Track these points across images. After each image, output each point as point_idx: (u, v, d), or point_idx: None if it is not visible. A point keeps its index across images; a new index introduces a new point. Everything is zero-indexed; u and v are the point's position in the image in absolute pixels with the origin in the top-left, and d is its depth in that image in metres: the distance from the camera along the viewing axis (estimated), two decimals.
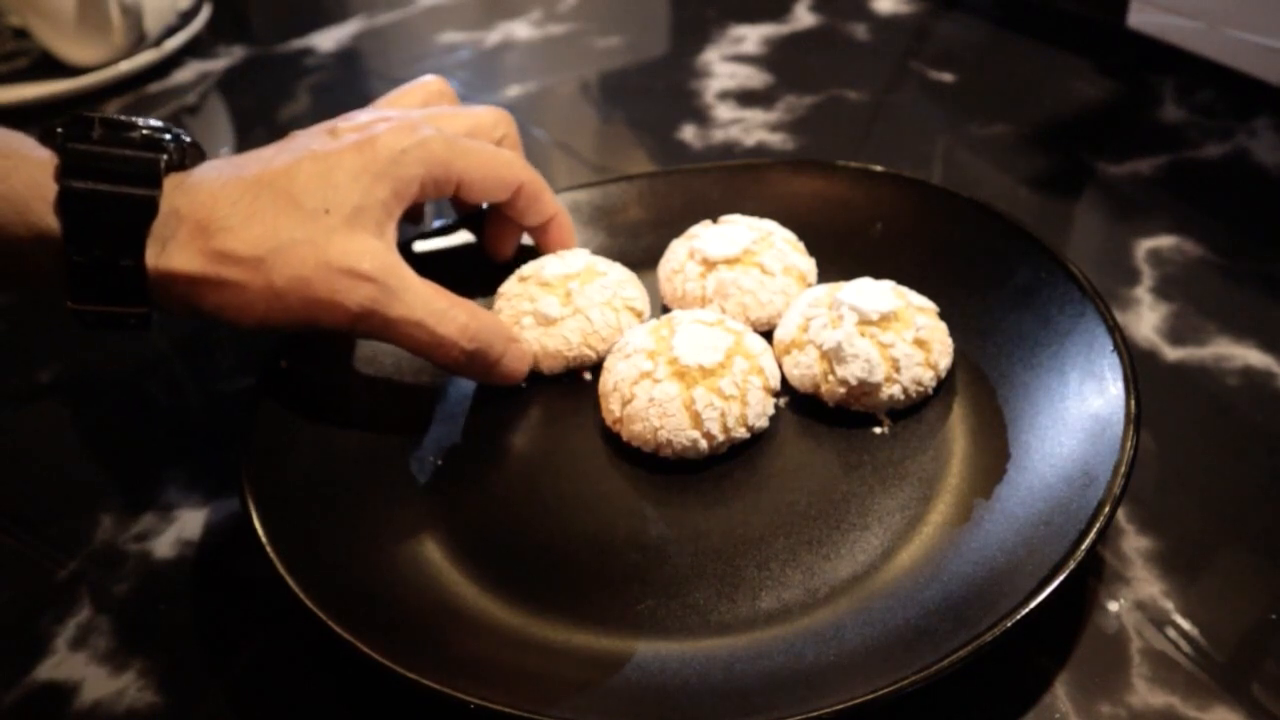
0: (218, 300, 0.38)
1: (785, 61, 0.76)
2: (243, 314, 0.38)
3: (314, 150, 0.40)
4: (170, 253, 0.37)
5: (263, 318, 0.38)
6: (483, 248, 0.50)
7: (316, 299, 0.38)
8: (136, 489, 0.44)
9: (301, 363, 0.44)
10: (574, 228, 0.49)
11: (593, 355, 0.45)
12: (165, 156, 0.38)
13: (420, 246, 0.50)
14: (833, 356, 0.41)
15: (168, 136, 0.39)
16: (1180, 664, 0.33)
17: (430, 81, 0.48)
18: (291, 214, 0.38)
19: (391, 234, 0.41)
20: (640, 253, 0.50)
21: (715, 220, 0.49)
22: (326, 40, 0.87)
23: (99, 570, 0.41)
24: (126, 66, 0.81)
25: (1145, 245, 0.52)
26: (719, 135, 0.67)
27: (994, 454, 0.38)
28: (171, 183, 0.38)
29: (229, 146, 0.76)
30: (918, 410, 0.42)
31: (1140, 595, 0.35)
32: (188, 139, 0.40)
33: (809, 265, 0.47)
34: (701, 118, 0.69)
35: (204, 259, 0.37)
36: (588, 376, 0.45)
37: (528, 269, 0.47)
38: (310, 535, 0.37)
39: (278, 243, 0.38)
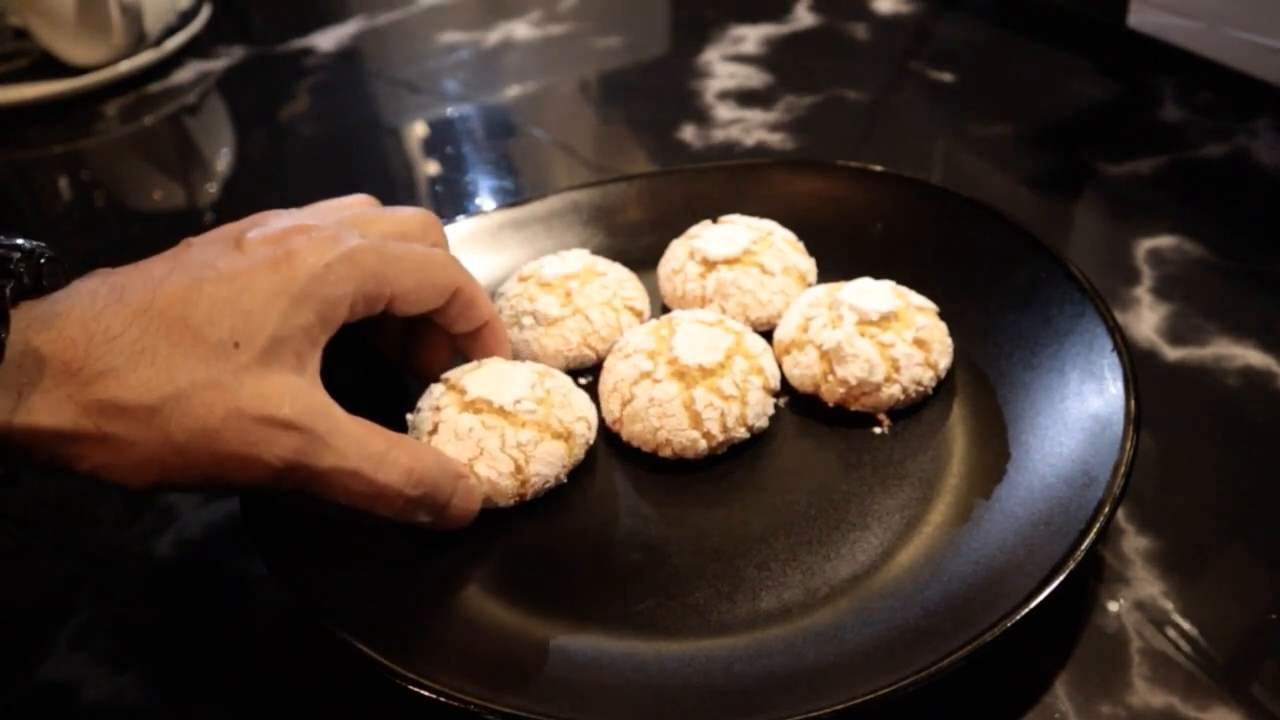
0: (99, 460, 0.31)
1: (785, 61, 0.76)
2: (133, 476, 0.31)
3: (218, 269, 0.32)
4: (31, 405, 0.29)
5: (159, 479, 0.31)
6: (405, 364, 0.43)
7: (228, 454, 0.31)
8: None
9: None
10: (507, 336, 0.42)
11: (593, 355, 0.45)
12: (12, 282, 0.30)
13: None
14: (833, 356, 0.41)
15: (16, 253, 0.31)
16: (1180, 664, 0.33)
17: (360, 198, 0.40)
18: (191, 350, 0.31)
19: (315, 367, 0.34)
20: (640, 253, 0.50)
21: (715, 220, 0.49)
22: (326, 40, 0.87)
23: (99, 570, 0.41)
24: (126, 66, 0.81)
25: (1145, 245, 0.52)
26: (719, 135, 0.67)
27: (994, 454, 0.38)
28: (25, 314, 0.30)
29: (228, 147, 0.76)
30: (918, 410, 0.42)
31: (1140, 595, 0.35)
32: (46, 253, 0.32)
33: (809, 265, 0.47)
34: (701, 118, 0.69)
35: (78, 411, 0.30)
36: (582, 382, 0.45)
37: (528, 269, 0.47)
38: (310, 535, 0.37)
39: (175, 388, 0.30)
